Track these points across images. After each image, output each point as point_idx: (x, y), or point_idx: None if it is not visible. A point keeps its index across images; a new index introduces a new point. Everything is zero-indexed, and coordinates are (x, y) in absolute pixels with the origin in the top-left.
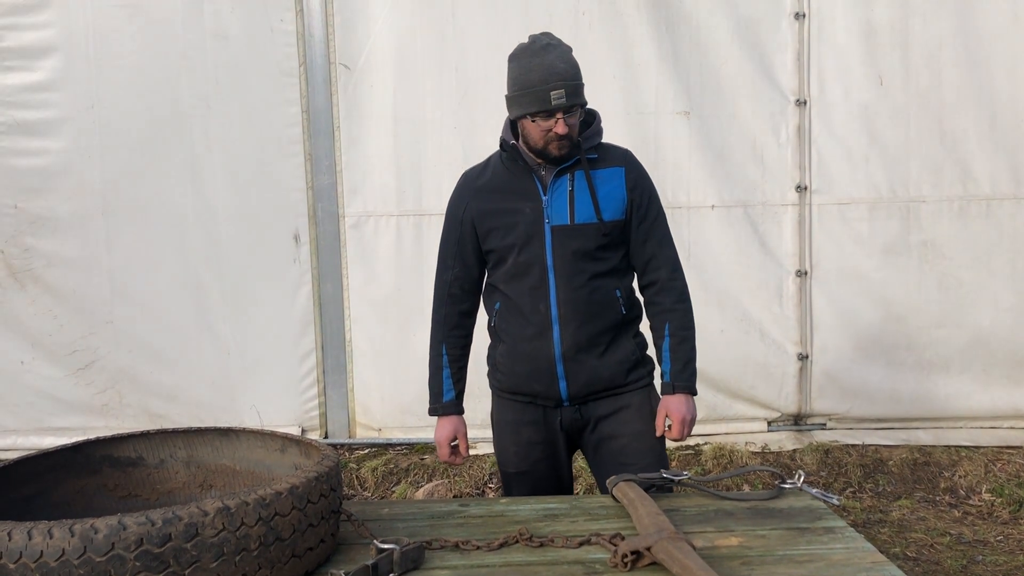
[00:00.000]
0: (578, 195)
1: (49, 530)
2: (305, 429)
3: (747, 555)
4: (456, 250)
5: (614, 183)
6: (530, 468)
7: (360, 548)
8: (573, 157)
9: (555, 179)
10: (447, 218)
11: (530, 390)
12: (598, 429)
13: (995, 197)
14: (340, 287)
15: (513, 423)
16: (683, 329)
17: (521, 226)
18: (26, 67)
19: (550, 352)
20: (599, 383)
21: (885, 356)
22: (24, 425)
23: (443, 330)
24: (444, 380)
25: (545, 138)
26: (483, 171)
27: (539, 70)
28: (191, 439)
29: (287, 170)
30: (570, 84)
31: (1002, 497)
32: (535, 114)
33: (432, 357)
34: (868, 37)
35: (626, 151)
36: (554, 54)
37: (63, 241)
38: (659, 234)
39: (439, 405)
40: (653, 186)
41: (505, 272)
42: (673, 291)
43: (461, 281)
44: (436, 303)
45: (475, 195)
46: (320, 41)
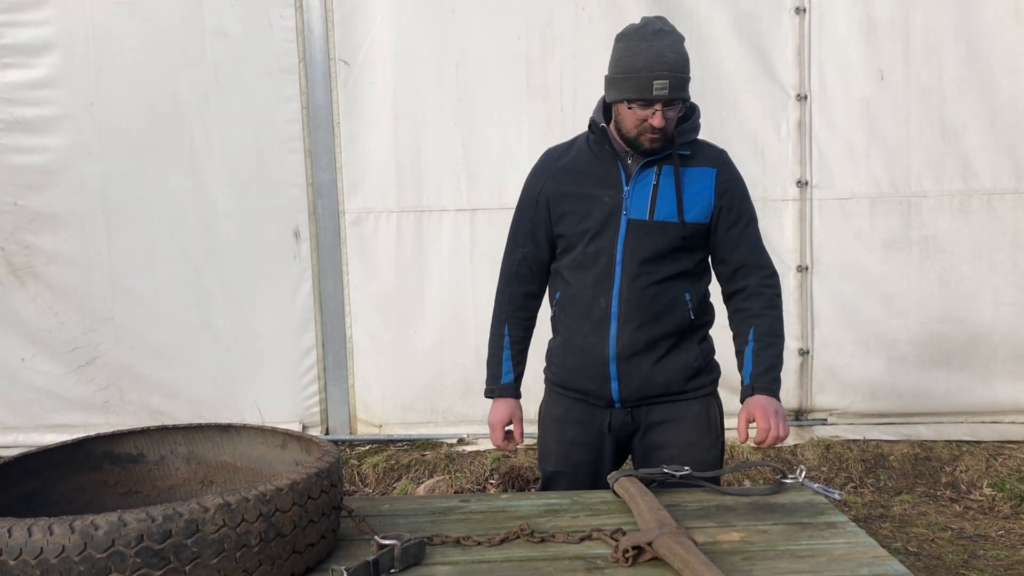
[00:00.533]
0: (662, 190)
1: (49, 527)
2: (306, 425)
3: (748, 550)
4: (528, 229)
5: (703, 184)
6: (569, 470)
7: (361, 544)
8: (665, 151)
9: (641, 170)
10: (523, 195)
11: (581, 387)
12: (649, 435)
13: (996, 191)
14: (340, 283)
15: (559, 420)
16: (769, 335)
17: (596, 214)
18: (25, 64)
19: (604, 350)
20: (653, 388)
21: (886, 351)
22: (25, 422)
23: (507, 310)
24: (504, 361)
25: (639, 128)
26: (566, 151)
27: (645, 55)
28: (191, 435)
29: (287, 166)
30: (676, 76)
31: (1003, 492)
32: (633, 101)
33: (493, 337)
34: (869, 32)
35: (721, 151)
36: (665, 41)
37: (63, 238)
38: (750, 241)
39: (496, 387)
40: (746, 190)
41: (572, 260)
42: (762, 297)
43: (530, 262)
44: (502, 282)
45: (554, 175)
46: (320, 37)
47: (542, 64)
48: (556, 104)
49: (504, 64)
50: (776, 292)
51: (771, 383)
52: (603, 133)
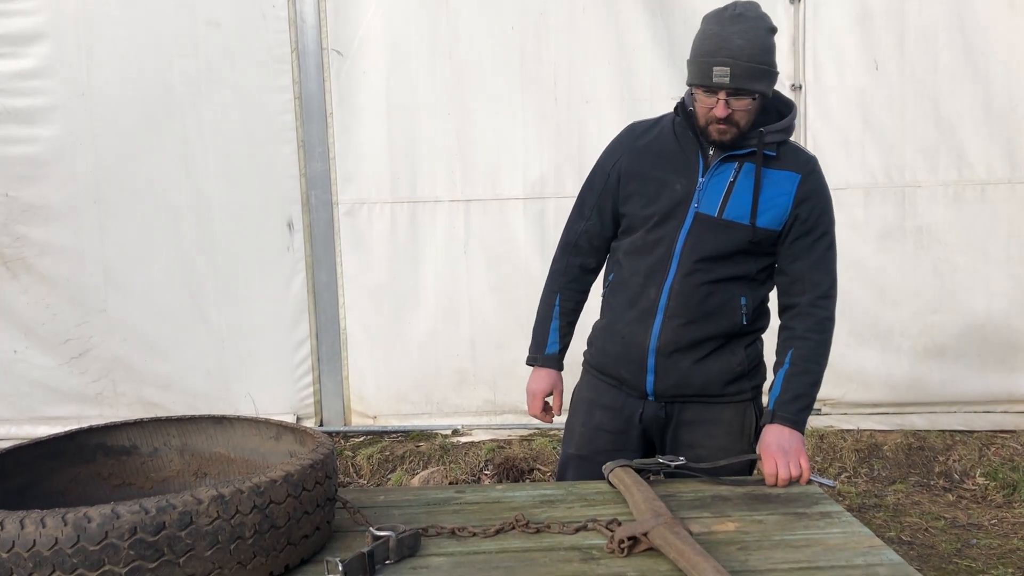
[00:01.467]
0: (738, 189)
1: (42, 519)
2: (300, 417)
3: (744, 540)
4: (596, 202)
5: (782, 188)
6: (591, 455)
7: (356, 535)
8: (746, 144)
9: (720, 163)
10: (596, 166)
11: (617, 374)
12: (680, 434)
13: (990, 182)
14: (334, 275)
15: (588, 402)
16: (807, 361)
17: (665, 200)
18: (15, 54)
19: (645, 342)
20: (689, 388)
21: (880, 341)
22: (17, 415)
23: (560, 280)
24: (551, 332)
25: (706, 116)
26: (650, 129)
27: (713, 40)
28: (185, 427)
29: (280, 157)
30: (740, 64)
31: (996, 481)
32: (696, 87)
33: (542, 306)
34: (863, 22)
35: (811, 158)
36: (739, 26)
37: (55, 229)
38: (814, 257)
39: (539, 355)
40: (829, 204)
41: (630, 243)
42: (810, 318)
43: (591, 235)
44: (559, 251)
45: (632, 151)
46: (312, 27)
47: (536, 55)
48: (550, 95)
49: (498, 54)
50: (827, 316)
51: (796, 413)
52: (690, 118)
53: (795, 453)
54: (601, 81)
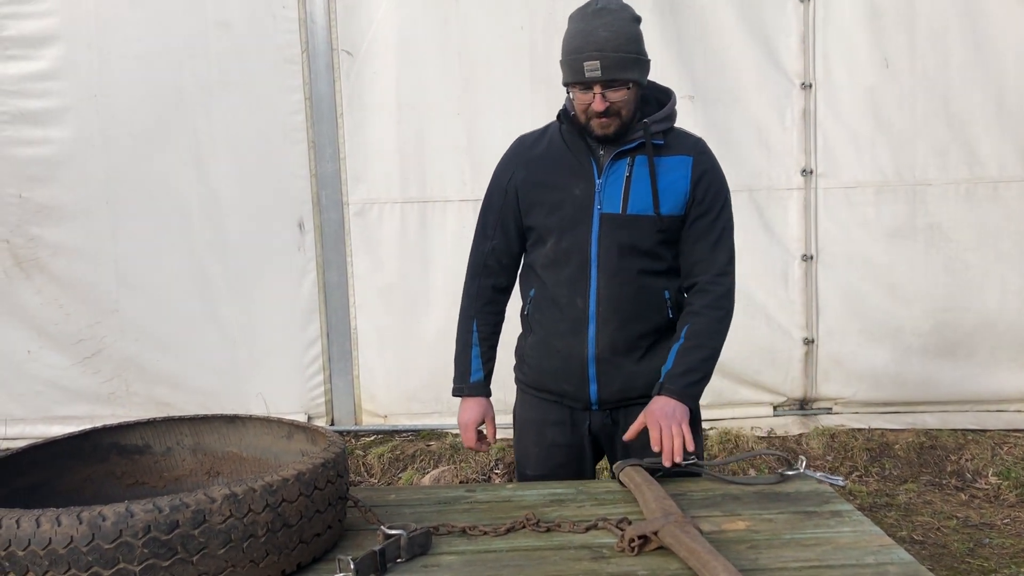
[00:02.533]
0: (635, 182)
1: (57, 517)
2: (311, 416)
3: (754, 539)
4: (498, 219)
5: (678, 173)
6: (549, 472)
7: (367, 534)
8: (633, 138)
9: (613, 161)
10: (492, 184)
11: (558, 389)
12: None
13: (1002, 180)
14: (345, 274)
15: (537, 423)
16: (700, 336)
17: (568, 208)
18: (29, 56)
19: (583, 351)
20: (634, 390)
21: (891, 340)
22: (31, 414)
23: (476, 304)
24: (473, 359)
25: (586, 113)
26: (539, 139)
27: (579, 37)
28: (197, 426)
29: (291, 157)
30: (608, 55)
31: (1008, 480)
32: (571, 85)
33: (460, 333)
34: (874, 19)
35: (698, 140)
36: (602, 20)
37: (68, 230)
38: (714, 236)
39: (465, 385)
40: (724, 184)
41: (544, 256)
42: (707, 295)
43: (499, 254)
44: (470, 275)
45: (525, 164)
46: (322, 27)
47: (546, 54)
48: (559, 93)
49: (507, 54)
50: (723, 292)
51: (684, 387)
52: (575, 122)
53: (676, 420)
54: None
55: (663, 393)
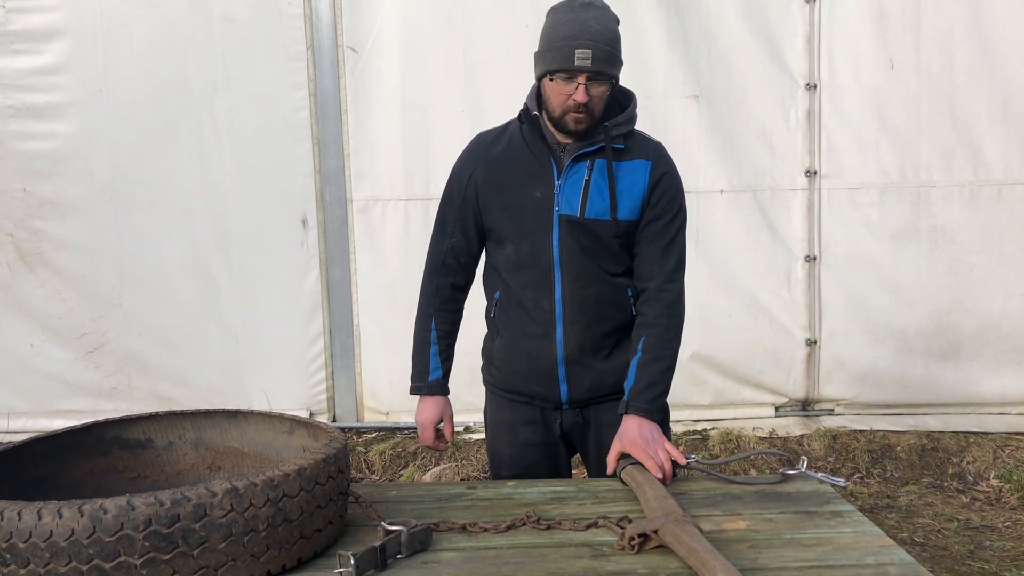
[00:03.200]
0: (594, 186)
1: (59, 510)
2: (313, 413)
3: (754, 538)
4: (457, 216)
5: (636, 177)
6: (525, 471)
7: (368, 530)
8: (595, 140)
9: (572, 163)
10: (450, 181)
11: (528, 390)
12: (600, 436)
13: (1006, 182)
14: (348, 271)
15: (509, 422)
16: (656, 348)
17: (528, 211)
18: (34, 50)
19: (552, 353)
20: (603, 388)
21: (894, 341)
22: (33, 408)
23: (434, 303)
24: (431, 357)
25: (563, 105)
26: (498, 138)
27: (570, 25)
28: (200, 421)
29: (295, 154)
30: (600, 48)
31: (1010, 483)
32: (555, 72)
33: (418, 331)
34: (879, 20)
35: (657, 144)
36: (592, 14)
37: (72, 224)
38: (665, 241)
39: (423, 384)
40: (680, 188)
41: (507, 259)
42: (659, 303)
43: (458, 252)
44: (428, 273)
45: (485, 164)
46: (328, 24)
47: None
48: None
49: (512, 52)
50: (673, 299)
51: (649, 402)
52: (536, 122)
53: (656, 443)
54: None
55: (631, 412)
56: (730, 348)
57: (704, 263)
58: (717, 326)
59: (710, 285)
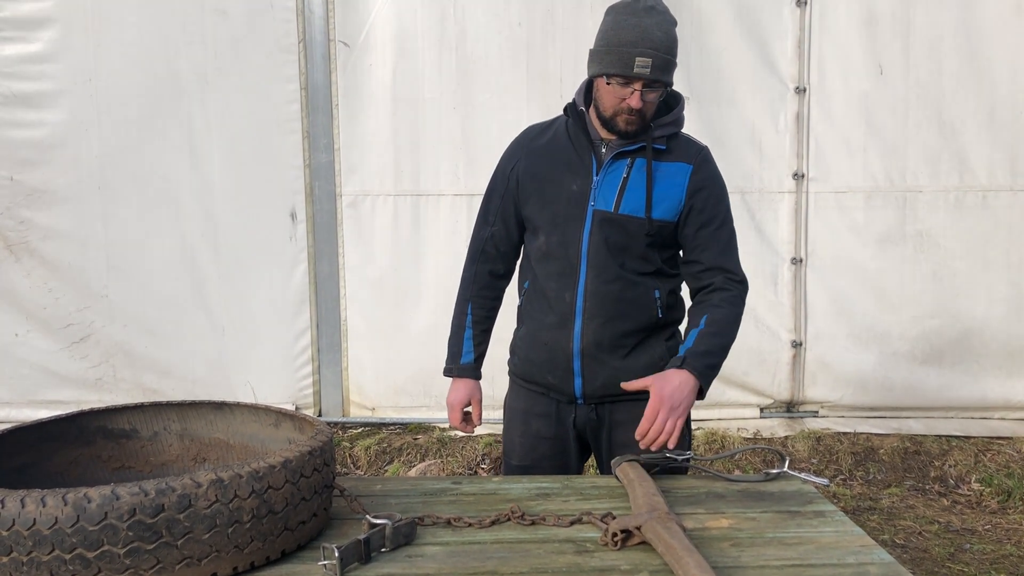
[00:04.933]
0: (632, 183)
1: (42, 498)
2: (299, 407)
3: (737, 537)
4: (499, 206)
5: (675, 180)
6: (533, 464)
7: (352, 523)
8: (640, 141)
9: (612, 160)
10: (497, 171)
11: (544, 381)
12: (614, 436)
13: (991, 188)
14: (336, 266)
15: (523, 412)
16: (721, 324)
17: (563, 203)
18: (23, 38)
19: (568, 345)
20: (617, 387)
21: (878, 345)
22: (17, 397)
23: (472, 288)
24: (465, 341)
25: (616, 107)
26: (544, 131)
27: (632, 30)
28: (185, 412)
29: (285, 147)
30: (661, 56)
31: (991, 487)
32: (612, 76)
33: (456, 315)
34: (869, 26)
35: (702, 148)
36: (655, 19)
37: (59, 214)
38: (722, 244)
39: (455, 366)
40: (724, 192)
41: (537, 249)
42: (725, 292)
43: (497, 241)
44: (468, 259)
45: (528, 154)
46: (320, 18)
47: (543, 50)
48: (556, 90)
49: (504, 49)
50: (739, 294)
51: (704, 367)
52: (581, 117)
53: (680, 412)
54: None
55: (684, 367)
56: None
57: None
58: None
59: None
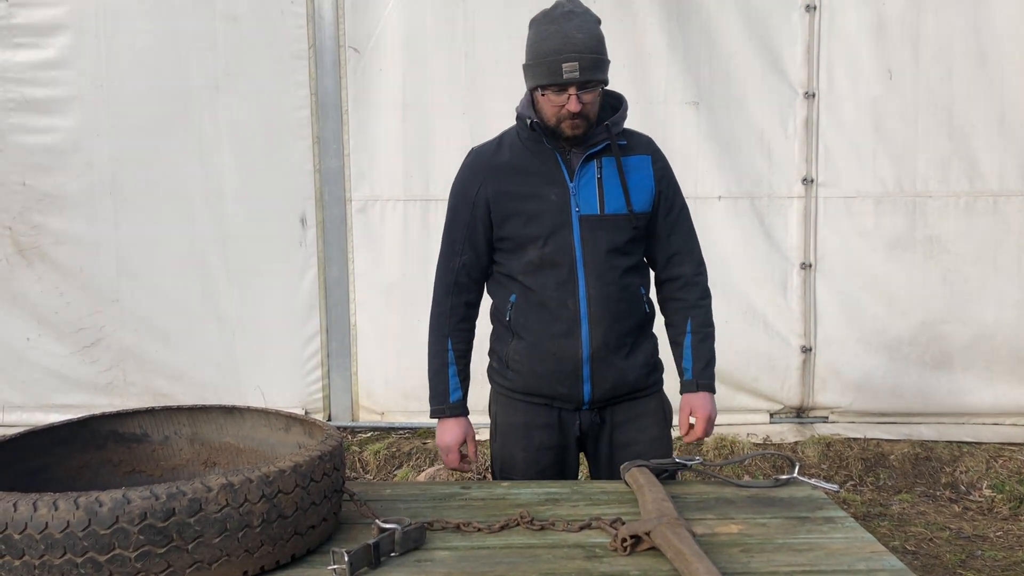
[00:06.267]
0: (607, 183)
1: (54, 502)
2: (309, 411)
3: (747, 543)
4: (466, 235)
5: (643, 172)
6: (538, 476)
7: (362, 528)
8: (599, 140)
9: (583, 164)
10: (455, 199)
11: (551, 391)
12: (614, 436)
13: (1002, 193)
14: (346, 271)
15: (524, 426)
16: (705, 326)
17: (546, 214)
18: (36, 44)
19: (577, 352)
20: (624, 386)
21: (888, 350)
22: (29, 401)
23: (449, 322)
24: (451, 378)
25: (557, 115)
26: (498, 149)
27: (554, 38)
28: (196, 416)
29: (295, 153)
30: (587, 57)
31: (1003, 493)
32: (546, 87)
33: (435, 353)
34: (878, 31)
35: (650, 139)
36: (574, 22)
37: (71, 219)
38: (685, 228)
39: (445, 406)
40: (675, 176)
41: (528, 263)
42: (698, 287)
43: (470, 269)
44: (440, 293)
45: (491, 174)
46: (330, 24)
47: None
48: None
49: (514, 55)
50: (707, 281)
51: (711, 378)
52: (536, 128)
53: (713, 421)
54: (617, 85)
55: (701, 389)
56: (726, 354)
57: None
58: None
59: None
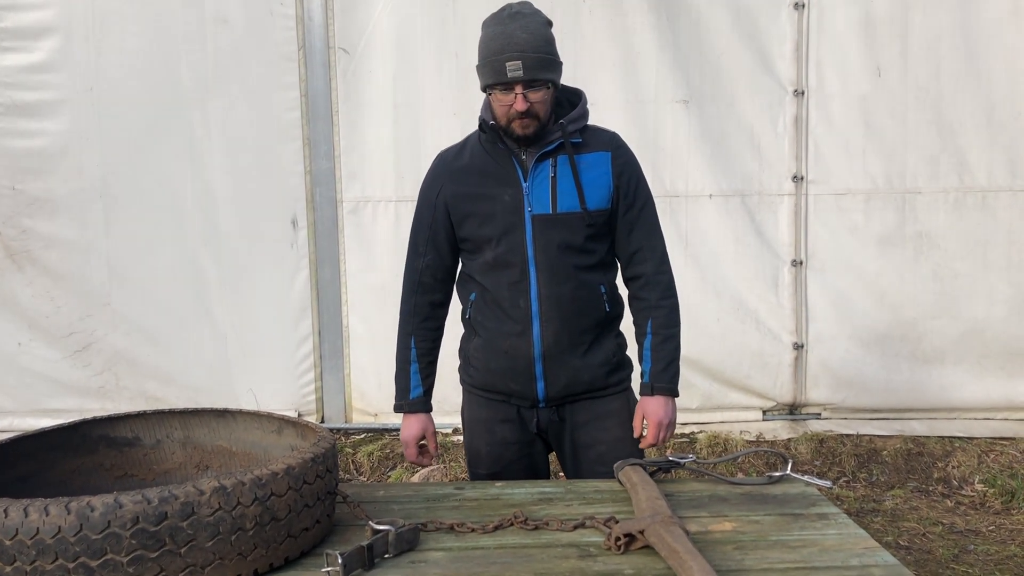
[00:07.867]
0: (561, 182)
1: (46, 507)
2: (302, 413)
3: (740, 540)
4: (429, 235)
5: (599, 169)
6: (503, 469)
7: (355, 529)
8: (554, 139)
9: (537, 164)
10: (420, 200)
11: (505, 388)
12: (576, 435)
13: (991, 189)
14: (338, 272)
15: (486, 421)
16: (667, 327)
17: (500, 215)
18: (25, 48)
19: (529, 351)
20: (579, 385)
21: (880, 346)
22: (20, 406)
23: (413, 322)
24: (412, 375)
25: (507, 115)
26: (460, 152)
27: (498, 39)
28: (188, 420)
29: (286, 154)
30: (529, 56)
31: (994, 488)
32: (492, 87)
33: (400, 350)
34: (867, 28)
35: (614, 134)
36: (519, 23)
37: (61, 223)
38: (647, 224)
39: (405, 402)
40: (642, 172)
41: (483, 263)
42: (659, 286)
43: (433, 270)
44: (405, 293)
45: (451, 177)
46: (320, 25)
47: None
48: None
49: None
50: (670, 281)
51: (670, 380)
52: (493, 131)
53: (670, 426)
54: (607, 84)
55: (656, 393)
56: (718, 352)
57: (692, 267)
58: (705, 330)
59: (698, 289)
